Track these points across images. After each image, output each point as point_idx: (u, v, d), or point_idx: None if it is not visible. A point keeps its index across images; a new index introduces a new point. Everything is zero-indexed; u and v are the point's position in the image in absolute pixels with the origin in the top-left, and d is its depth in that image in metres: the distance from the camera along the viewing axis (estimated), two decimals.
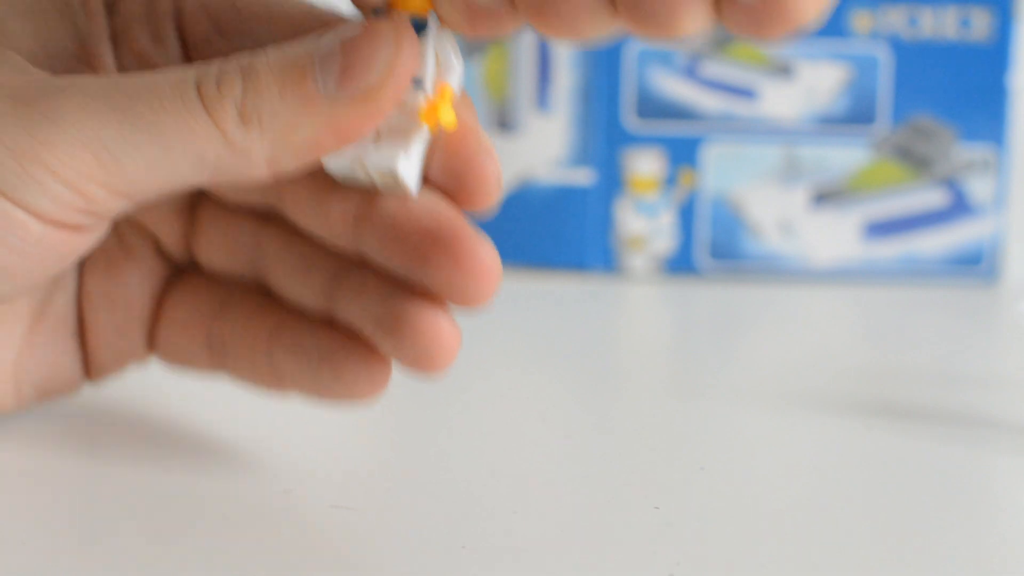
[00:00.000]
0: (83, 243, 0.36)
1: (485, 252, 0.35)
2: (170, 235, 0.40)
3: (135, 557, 0.32)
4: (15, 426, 0.40)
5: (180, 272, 0.41)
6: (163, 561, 0.32)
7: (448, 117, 0.34)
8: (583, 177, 0.68)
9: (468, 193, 0.35)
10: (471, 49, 0.68)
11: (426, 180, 0.35)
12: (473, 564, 0.33)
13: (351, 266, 0.37)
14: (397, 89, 0.33)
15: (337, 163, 0.34)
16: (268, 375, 0.38)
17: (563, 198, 0.69)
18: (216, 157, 0.34)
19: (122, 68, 0.38)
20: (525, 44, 0.68)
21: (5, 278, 0.35)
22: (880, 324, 0.63)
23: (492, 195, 0.35)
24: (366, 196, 0.36)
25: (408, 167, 0.34)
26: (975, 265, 0.68)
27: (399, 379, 0.37)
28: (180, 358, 0.40)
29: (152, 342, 0.41)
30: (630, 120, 0.68)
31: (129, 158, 0.33)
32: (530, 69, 0.68)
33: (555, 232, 0.68)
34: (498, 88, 0.68)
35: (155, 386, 0.43)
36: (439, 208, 0.35)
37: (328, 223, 0.37)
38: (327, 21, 0.37)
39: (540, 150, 0.68)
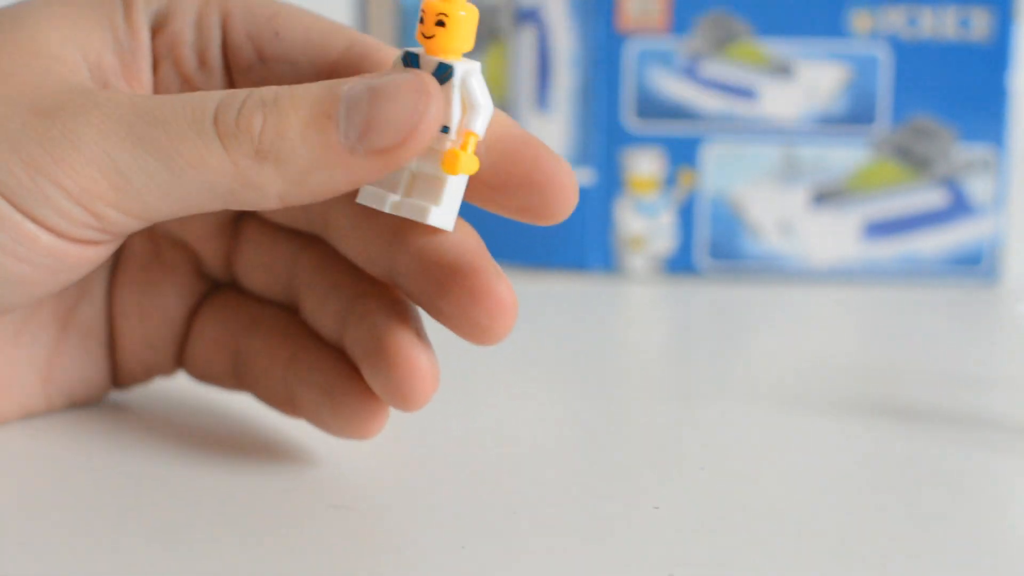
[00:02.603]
0: (95, 255, 0.36)
1: (504, 290, 0.35)
2: (212, 254, 0.41)
3: (133, 556, 0.32)
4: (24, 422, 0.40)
5: (216, 288, 0.41)
6: (162, 560, 0.32)
7: (470, 166, 0.34)
8: (583, 177, 0.68)
9: (547, 202, 0.35)
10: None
11: (497, 188, 0.35)
12: (473, 564, 0.33)
13: (365, 294, 0.37)
14: (418, 148, 0.33)
15: (369, 199, 0.34)
16: (284, 401, 0.39)
17: None
18: (228, 188, 0.34)
19: (164, 88, 0.38)
20: (525, 45, 0.68)
21: (16, 287, 0.35)
22: (880, 324, 0.63)
23: (570, 201, 0.35)
24: (404, 225, 0.36)
25: (440, 215, 0.34)
26: (975, 265, 0.68)
27: None
28: (206, 374, 0.41)
29: (181, 357, 0.41)
30: (630, 120, 0.68)
31: (142, 182, 0.34)
32: (530, 69, 0.68)
33: (555, 232, 0.68)
34: (498, 88, 0.68)
35: (154, 386, 0.43)
36: (466, 242, 0.35)
37: (366, 249, 0.37)
38: (365, 54, 0.37)
39: None
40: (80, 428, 0.40)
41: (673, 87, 0.67)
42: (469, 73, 0.34)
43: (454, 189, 0.34)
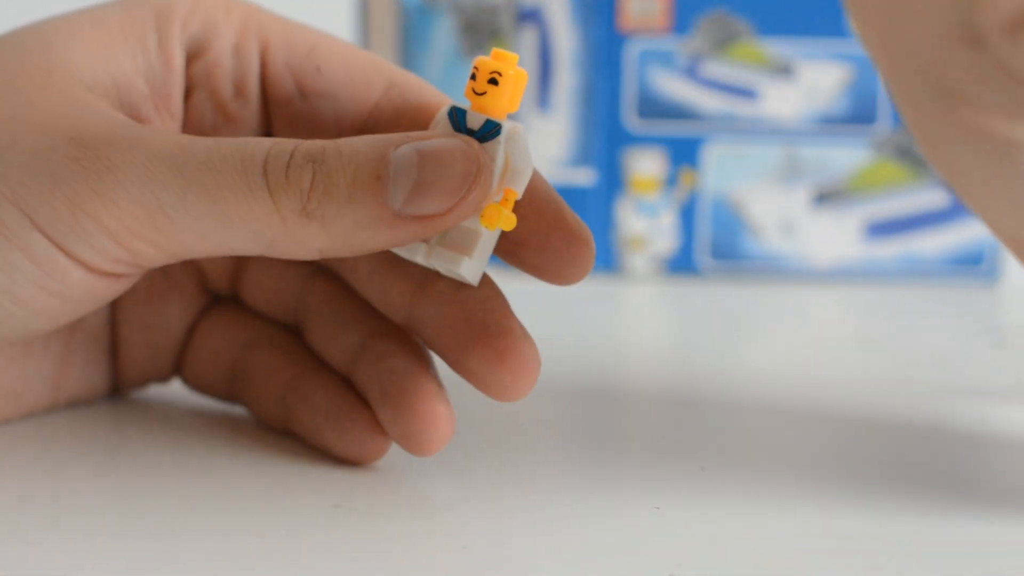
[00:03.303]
0: (119, 287, 0.36)
1: (531, 352, 0.35)
2: (219, 272, 0.41)
3: (132, 555, 0.32)
4: (30, 421, 0.40)
5: (217, 300, 0.41)
6: (162, 561, 0.32)
7: (509, 222, 0.34)
8: (584, 177, 0.68)
9: (562, 265, 0.36)
10: (471, 48, 0.68)
11: (516, 243, 0.36)
12: (473, 564, 0.33)
13: (381, 333, 0.38)
14: (464, 217, 0.34)
15: (401, 249, 0.35)
16: (279, 417, 0.39)
17: (564, 198, 0.69)
18: (271, 237, 0.34)
19: (197, 114, 0.38)
20: (526, 45, 0.68)
21: (42, 319, 0.35)
22: (880, 324, 0.63)
23: (585, 268, 0.36)
24: (426, 275, 0.36)
25: (471, 268, 0.35)
26: (975, 265, 0.68)
27: None
28: (201, 385, 0.41)
29: (178, 366, 0.41)
30: (631, 120, 0.68)
31: (185, 223, 0.33)
32: (531, 69, 0.68)
33: None
34: None
35: (153, 386, 0.43)
36: (493, 300, 0.36)
37: (386, 294, 0.37)
38: (406, 95, 0.37)
39: (541, 150, 0.68)
40: (78, 428, 0.41)
41: (674, 87, 0.67)
42: (514, 134, 0.34)
43: (486, 243, 0.35)
